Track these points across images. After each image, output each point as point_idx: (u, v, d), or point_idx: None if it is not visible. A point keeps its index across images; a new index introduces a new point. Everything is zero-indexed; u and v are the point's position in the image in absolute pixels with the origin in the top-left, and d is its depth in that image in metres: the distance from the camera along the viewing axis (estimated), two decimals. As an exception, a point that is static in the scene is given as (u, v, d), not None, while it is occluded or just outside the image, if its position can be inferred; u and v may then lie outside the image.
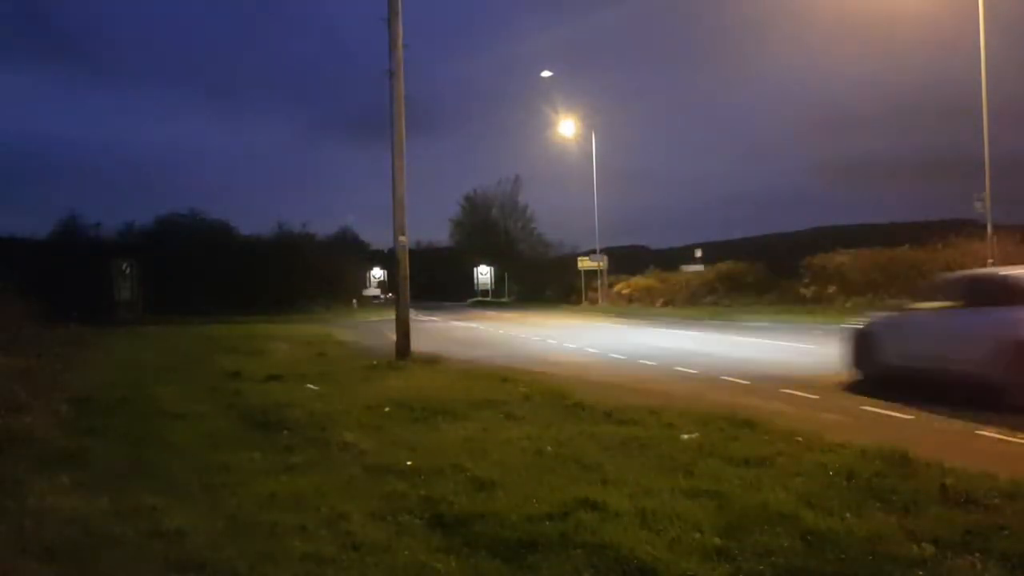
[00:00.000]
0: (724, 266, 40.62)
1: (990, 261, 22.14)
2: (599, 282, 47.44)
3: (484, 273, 76.33)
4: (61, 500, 5.39)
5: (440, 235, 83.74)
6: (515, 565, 4.12)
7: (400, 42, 16.29)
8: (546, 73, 46.31)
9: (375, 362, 14.93)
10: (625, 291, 46.00)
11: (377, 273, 72.02)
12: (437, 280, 69.40)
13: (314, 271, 45.04)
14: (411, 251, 17.23)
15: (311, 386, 11.46)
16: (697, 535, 4.38)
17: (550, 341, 21.80)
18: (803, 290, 33.53)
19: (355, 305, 49.43)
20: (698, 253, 46.69)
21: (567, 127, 46.47)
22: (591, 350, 18.35)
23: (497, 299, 68.30)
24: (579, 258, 49.71)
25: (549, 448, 6.72)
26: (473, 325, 32.12)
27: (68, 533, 4.73)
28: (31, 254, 36.12)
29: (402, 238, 16.49)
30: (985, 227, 22.48)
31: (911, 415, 8.57)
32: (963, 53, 23.04)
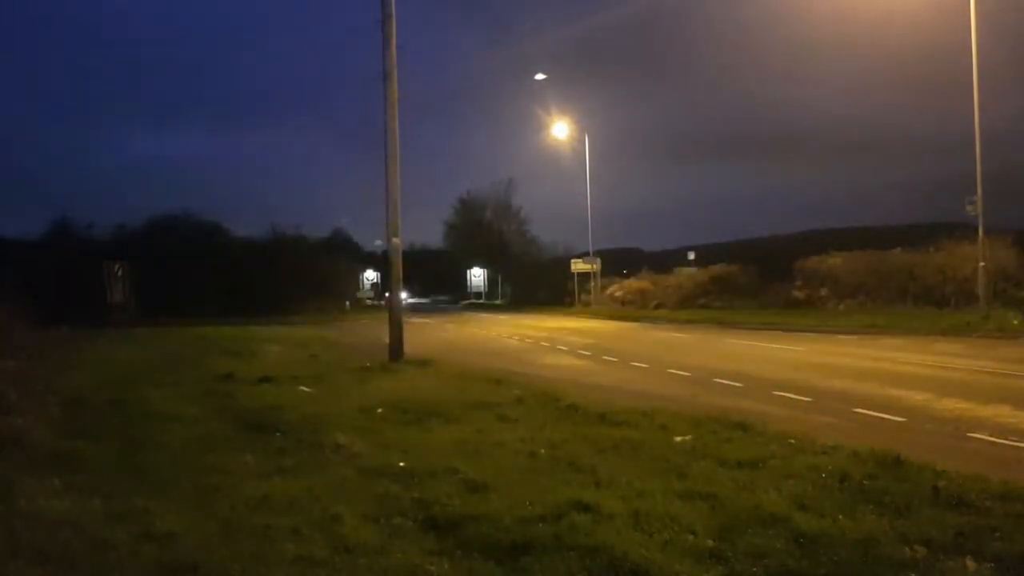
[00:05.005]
0: (716, 268, 40.67)
1: (982, 264, 22.23)
2: (592, 284, 47.44)
3: (477, 275, 76.36)
4: (52, 502, 5.37)
5: (433, 237, 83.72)
6: (508, 567, 4.11)
7: (393, 44, 16.27)
8: (540, 76, 46.34)
9: (368, 364, 14.91)
10: (618, 293, 45.99)
11: (370, 275, 71.89)
12: (430, 282, 69.44)
13: (307, 273, 44.96)
14: (404, 253, 17.21)
15: (304, 388, 11.43)
16: (690, 537, 4.38)
17: (543, 343, 21.81)
18: (795, 293, 33.61)
19: (348, 307, 49.37)
20: (691, 255, 46.74)
21: (560, 129, 46.49)
22: (584, 352, 18.36)
23: (490, 301, 68.29)
24: (572, 260, 49.71)
25: (542, 450, 6.72)
26: (466, 327, 32.12)
27: (59, 536, 4.70)
28: (22, 255, 35.94)
29: (395, 240, 16.45)
30: (977, 230, 22.54)
31: (903, 417, 8.59)
32: (956, 54, 23.13)
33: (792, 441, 6.80)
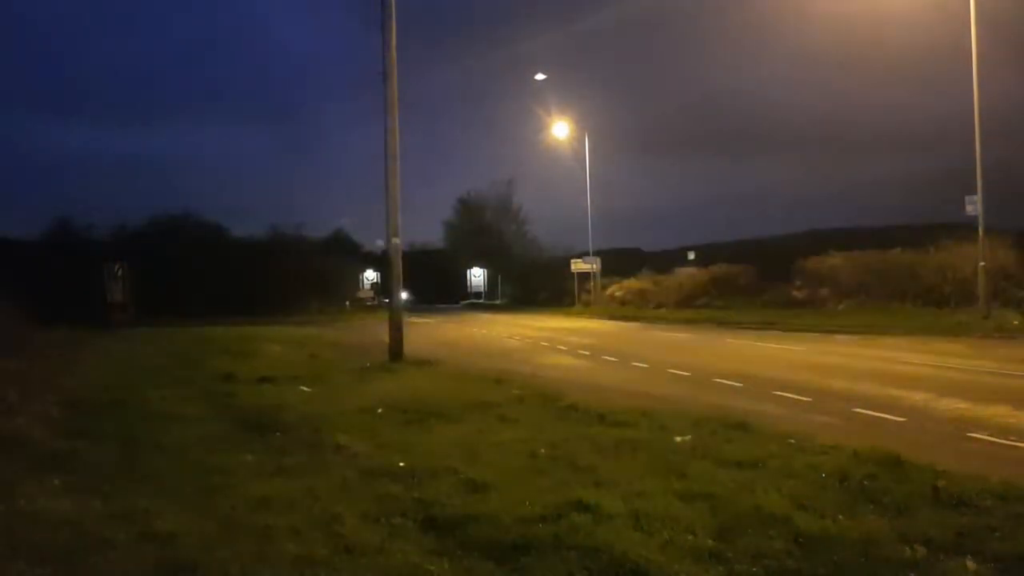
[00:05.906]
0: (717, 268, 40.64)
1: (982, 264, 22.22)
2: (592, 284, 47.44)
3: (477, 275, 76.35)
4: (52, 502, 5.37)
5: (433, 237, 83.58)
6: (508, 567, 4.11)
7: (393, 45, 16.28)
8: (540, 76, 46.32)
9: (368, 364, 14.92)
10: (618, 293, 45.96)
11: (370, 275, 71.85)
12: (430, 282, 69.31)
13: (307, 273, 44.95)
14: (404, 253, 17.22)
15: (304, 388, 11.44)
16: (690, 537, 4.38)
17: (543, 344, 21.81)
18: (796, 292, 33.60)
19: (348, 307, 49.36)
20: (691, 255, 46.71)
21: (560, 129, 46.48)
22: (584, 352, 18.36)
23: (490, 301, 68.25)
24: (572, 260, 49.69)
25: (542, 450, 6.72)
26: (466, 327, 32.11)
27: (59, 535, 4.71)
28: (22, 255, 35.97)
29: (396, 240, 16.47)
30: (977, 230, 22.52)
31: (903, 417, 8.59)
32: (954, 57, 23.12)
33: (792, 441, 6.80)
